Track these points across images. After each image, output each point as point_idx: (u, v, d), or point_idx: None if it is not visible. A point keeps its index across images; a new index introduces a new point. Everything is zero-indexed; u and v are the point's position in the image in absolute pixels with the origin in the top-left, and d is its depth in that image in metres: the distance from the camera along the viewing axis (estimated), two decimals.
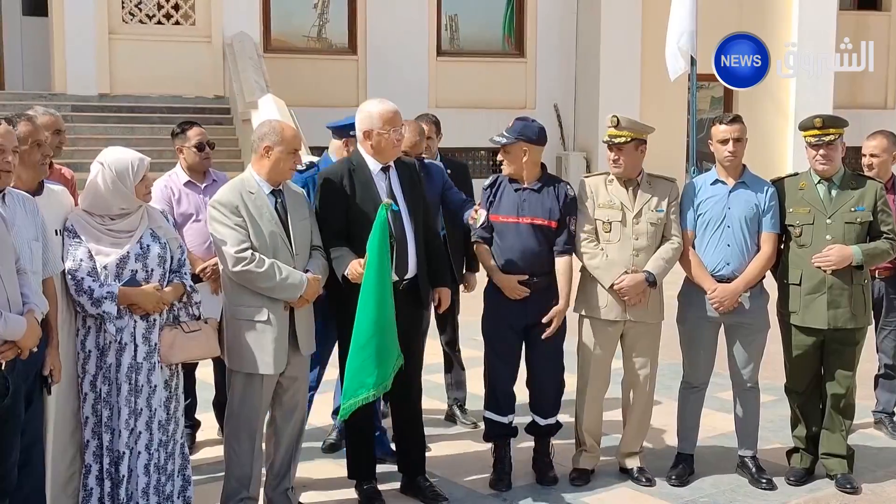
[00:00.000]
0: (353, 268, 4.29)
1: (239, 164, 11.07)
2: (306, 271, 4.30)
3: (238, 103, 12.03)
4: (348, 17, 15.04)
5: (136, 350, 3.95)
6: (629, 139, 4.77)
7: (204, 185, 5.19)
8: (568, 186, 4.87)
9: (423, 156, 5.42)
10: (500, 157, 4.86)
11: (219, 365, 4.97)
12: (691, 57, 11.07)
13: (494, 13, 16.10)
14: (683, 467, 4.99)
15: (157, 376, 4.01)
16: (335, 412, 5.43)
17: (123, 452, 3.95)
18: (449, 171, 5.47)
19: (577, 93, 15.93)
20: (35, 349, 3.43)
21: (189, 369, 5.11)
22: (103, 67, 12.55)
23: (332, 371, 5.76)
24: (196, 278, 4.79)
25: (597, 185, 4.90)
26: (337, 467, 5.07)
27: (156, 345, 4.00)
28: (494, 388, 4.92)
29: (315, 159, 5.30)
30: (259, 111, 11.17)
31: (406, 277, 4.53)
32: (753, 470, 4.95)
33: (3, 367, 3.29)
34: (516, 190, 4.80)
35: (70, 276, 3.88)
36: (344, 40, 15.17)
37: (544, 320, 4.74)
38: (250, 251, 4.16)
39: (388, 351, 4.26)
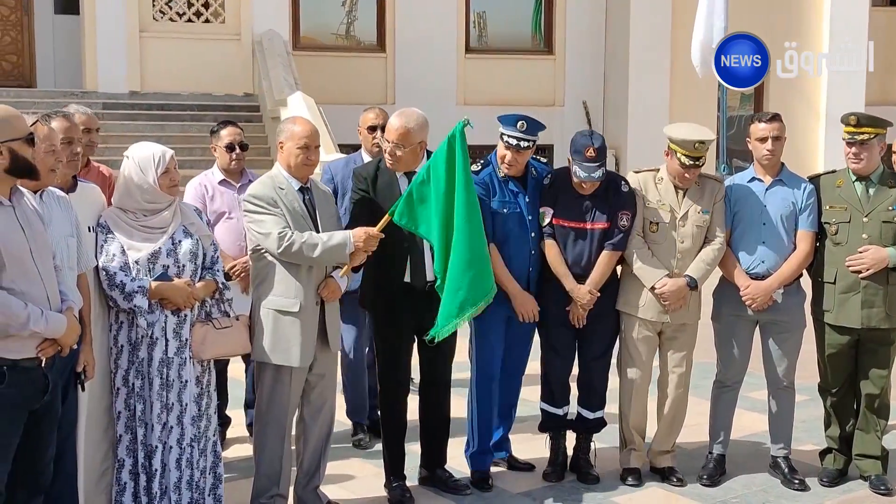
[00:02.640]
0: (361, 233, 4.24)
1: (268, 162, 11.06)
2: (336, 268, 4.32)
3: (267, 101, 12.06)
4: (377, 15, 15.04)
5: (166, 345, 3.98)
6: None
7: (239, 184, 5.15)
8: (623, 181, 4.84)
9: None
10: (580, 184, 4.68)
11: (250, 364, 4.99)
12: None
13: (523, 10, 16.02)
14: (715, 467, 4.95)
15: (189, 372, 4.03)
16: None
17: (156, 446, 3.98)
18: None
19: (606, 90, 15.83)
20: (75, 346, 3.46)
21: (220, 368, 5.13)
22: (134, 65, 12.62)
23: None
24: (226, 276, 4.82)
25: (646, 182, 4.84)
26: (367, 465, 5.08)
27: (186, 340, 4.02)
28: (550, 380, 4.94)
29: None
30: (288, 109, 11.18)
31: (428, 281, 4.52)
32: (786, 470, 4.91)
33: (43, 364, 3.32)
34: (580, 197, 4.75)
35: (103, 271, 3.91)
36: (372, 38, 15.18)
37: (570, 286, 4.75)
38: (290, 230, 4.19)
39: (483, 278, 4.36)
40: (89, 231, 3.92)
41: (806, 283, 4.91)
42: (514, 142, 4.68)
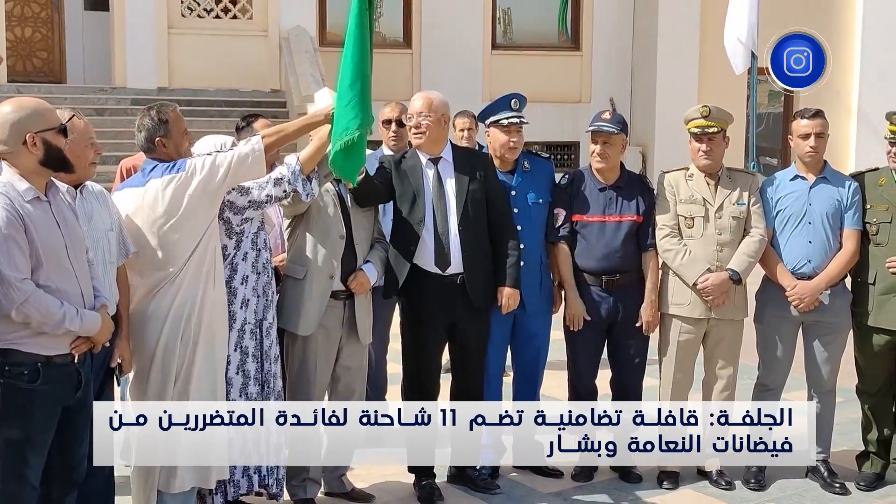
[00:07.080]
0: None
1: None
2: (367, 262, 4.37)
3: (294, 97, 12.09)
4: (403, 11, 15.03)
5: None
6: (719, 130, 4.68)
7: None
8: (647, 179, 4.87)
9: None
10: (597, 150, 4.71)
11: None
12: (751, 52, 10.93)
13: (549, 6, 15.94)
14: (759, 470, 4.82)
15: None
16: None
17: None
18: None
19: (634, 86, 15.73)
20: (107, 343, 3.47)
21: None
22: (162, 61, 12.69)
23: None
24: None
25: (677, 179, 4.81)
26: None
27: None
28: (577, 384, 4.90)
29: None
30: (315, 105, 11.18)
31: (448, 273, 4.48)
32: (826, 474, 4.82)
33: (76, 361, 3.32)
34: (601, 189, 4.74)
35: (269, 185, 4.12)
36: (399, 34, 15.16)
37: (638, 325, 4.73)
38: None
39: (367, 98, 4.12)
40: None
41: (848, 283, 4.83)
42: (516, 120, 4.71)
